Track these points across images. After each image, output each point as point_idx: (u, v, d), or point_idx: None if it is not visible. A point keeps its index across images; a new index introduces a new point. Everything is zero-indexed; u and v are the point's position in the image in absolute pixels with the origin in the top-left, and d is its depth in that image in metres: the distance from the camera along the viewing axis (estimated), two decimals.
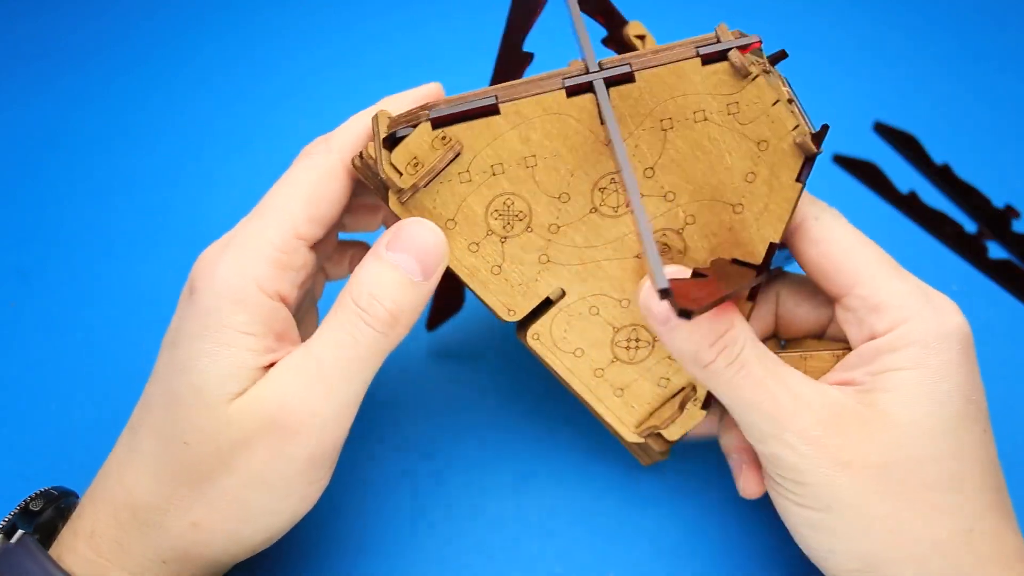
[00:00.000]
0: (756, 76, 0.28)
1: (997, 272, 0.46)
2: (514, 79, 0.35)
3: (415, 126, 0.29)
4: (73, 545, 0.29)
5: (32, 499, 0.31)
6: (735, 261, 0.30)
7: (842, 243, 0.30)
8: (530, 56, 0.35)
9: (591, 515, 0.38)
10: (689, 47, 0.28)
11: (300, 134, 0.53)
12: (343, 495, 0.39)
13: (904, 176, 0.50)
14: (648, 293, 0.28)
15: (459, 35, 0.58)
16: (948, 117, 0.53)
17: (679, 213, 0.30)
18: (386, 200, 0.30)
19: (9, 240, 0.49)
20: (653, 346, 0.33)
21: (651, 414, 0.34)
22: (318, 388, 0.28)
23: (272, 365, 0.29)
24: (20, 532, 0.29)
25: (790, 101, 0.29)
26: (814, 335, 0.34)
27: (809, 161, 0.29)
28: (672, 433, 0.34)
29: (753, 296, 0.32)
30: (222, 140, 0.53)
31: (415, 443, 0.40)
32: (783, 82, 0.31)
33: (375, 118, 0.30)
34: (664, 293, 0.22)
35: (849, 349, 0.31)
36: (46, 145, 0.53)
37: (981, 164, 0.50)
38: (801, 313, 0.33)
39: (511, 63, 0.35)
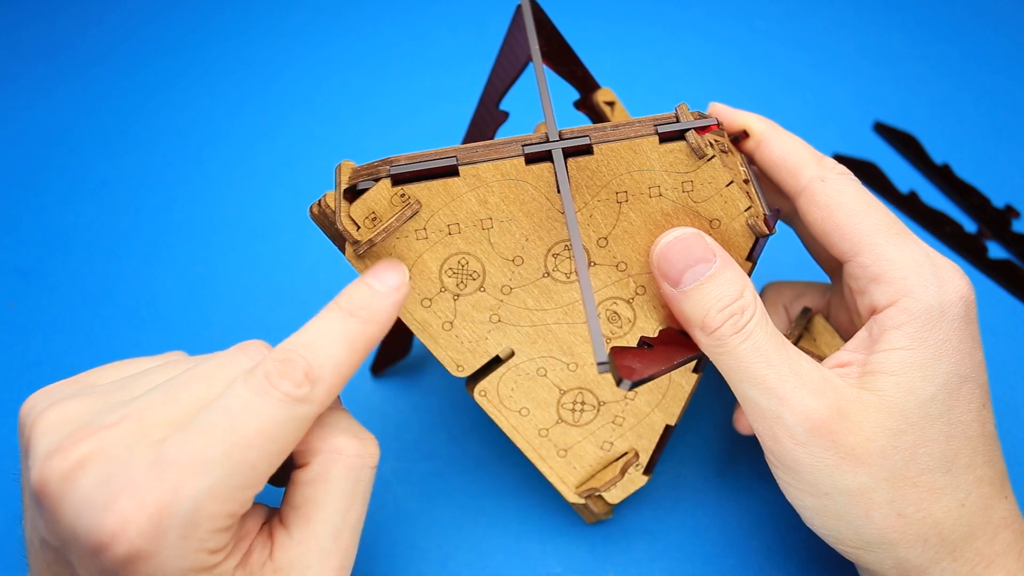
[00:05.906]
0: (712, 157, 0.29)
1: (997, 272, 0.46)
2: (487, 135, 0.36)
3: (376, 180, 0.29)
4: None
5: None
6: (683, 333, 0.30)
7: (848, 207, 0.30)
8: (505, 115, 0.36)
9: None
10: (648, 124, 0.29)
11: (302, 137, 0.53)
12: None
13: (904, 176, 0.50)
14: (660, 254, 0.29)
15: (461, 38, 0.58)
16: (948, 117, 0.53)
17: (630, 283, 0.31)
18: (343, 249, 0.30)
19: (9, 240, 0.49)
20: (598, 410, 0.33)
21: (592, 476, 0.35)
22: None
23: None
24: None
25: (746, 182, 0.30)
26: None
27: (760, 240, 0.30)
28: (613, 496, 0.35)
29: (699, 368, 0.33)
30: (223, 141, 0.53)
31: (416, 443, 0.40)
32: (741, 161, 0.31)
33: (338, 168, 0.30)
34: (602, 366, 0.23)
35: None
36: (46, 146, 0.53)
37: (981, 164, 0.50)
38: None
39: (486, 119, 0.36)
